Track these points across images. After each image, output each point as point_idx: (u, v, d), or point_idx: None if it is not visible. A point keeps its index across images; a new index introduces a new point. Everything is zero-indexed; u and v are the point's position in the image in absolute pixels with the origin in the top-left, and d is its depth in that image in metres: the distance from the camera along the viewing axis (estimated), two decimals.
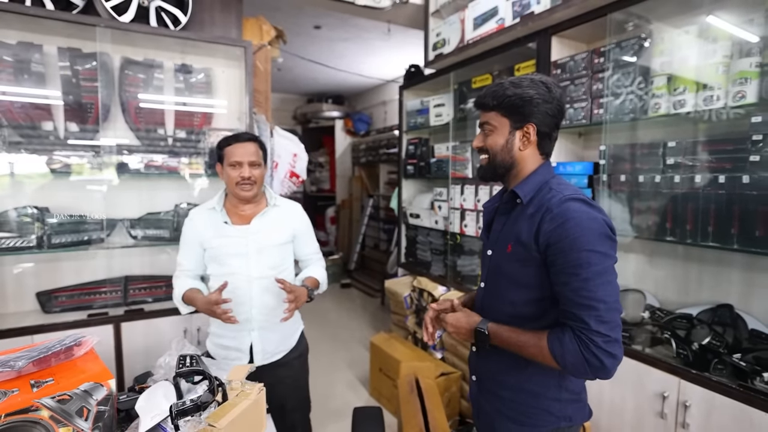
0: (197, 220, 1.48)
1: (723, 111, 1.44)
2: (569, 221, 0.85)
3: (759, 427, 1.26)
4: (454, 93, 2.55)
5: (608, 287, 0.84)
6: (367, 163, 5.58)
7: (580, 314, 0.83)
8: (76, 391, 0.78)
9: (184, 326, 2.04)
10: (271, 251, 1.47)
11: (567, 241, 0.84)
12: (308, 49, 4.22)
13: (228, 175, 1.42)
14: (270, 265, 1.47)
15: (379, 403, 2.63)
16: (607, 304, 0.82)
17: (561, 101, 0.95)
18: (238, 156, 1.40)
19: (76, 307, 2.00)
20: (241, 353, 1.46)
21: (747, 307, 1.50)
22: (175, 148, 2.19)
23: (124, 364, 1.95)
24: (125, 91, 2.06)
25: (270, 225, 1.48)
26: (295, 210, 1.58)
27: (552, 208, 0.88)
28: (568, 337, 0.85)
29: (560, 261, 0.86)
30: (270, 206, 1.50)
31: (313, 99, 6.30)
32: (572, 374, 0.88)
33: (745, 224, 1.35)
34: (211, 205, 1.49)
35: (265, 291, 1.45)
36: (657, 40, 1.61)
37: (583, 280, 0.83)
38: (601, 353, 0.81)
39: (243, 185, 1.40)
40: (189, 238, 1.49)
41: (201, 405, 0.81)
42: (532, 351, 0.90)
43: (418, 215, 2.93)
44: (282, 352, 1.52)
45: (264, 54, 2.41)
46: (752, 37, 1.38)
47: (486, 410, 1.07)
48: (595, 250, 0.83)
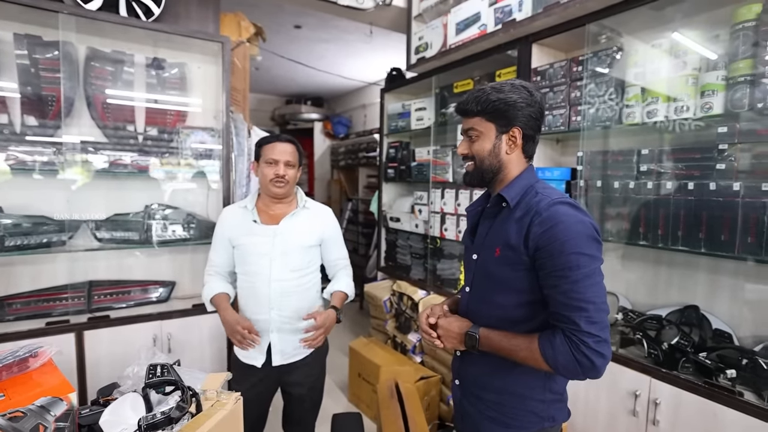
0: (228, 217, 1.52)
1: (692, 121, 1.50)
2: (558, 225, 0.86)
3: (722, 420, 1.32)
4: (436, 97, 2.56)
5: (597, 288, 0.85)
6: (347, 166, 5.54)
7: (570, 316, 0.84)
8: (30, 407, 0.71)
9: (154, 333, 1.94)
10: (296, 253, 1.47)
11: (556, 244, 0.85)
12: (288, 48, 4.15)
13: (263, 172, 1.45)
14: (292, 267, 1.47)
15: (358, 408, 2.59)
16: (596, 305, 0.84)
17: (542, 105, 0.98)
18: (276, 154, 1.43)
19: (33, 315, 1.85)
20: (258, 353, 1.47)
21: (711, 307, 1.58)
22: (146, 147, 2.08)
23: (87, 375, 1.82)
24: (91, 85, 1.95)
25: (298, 226, 1.49)
26: (325, 214, 1.59)
27: (541, 212, 0.89)
28: (559, 339, 0.85)
29: (549, 264, 0.86)
30: (300, 207, 1.51)
31: (291, 100, 6.21)
32: (564, 375, 0.89)
33: (712, 229, 1.41)
34: (243, 203, 1.52)
35: (283, 294, 1.45)
36: (631, 51, 1.67)
37: (572, 282, 0.84)
38: (592, 353, 0.82)
39: (276, 182, 1.43)
40: (219, 236, 1.53)
41: (173, 418, 0.76)
42: (523, 355, 0.90)
43: (398, 219, 2.91)
44: (302, 354, 1.51)
45: (242, 51, 2.34)
46: (717, 53, 1.45)
47: (470, 414, 1.06)
48: (584, 253, 0.84)
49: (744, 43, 1.34)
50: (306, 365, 1.52)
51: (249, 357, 1.48)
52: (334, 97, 6.31)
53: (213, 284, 1.51)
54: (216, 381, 1.05)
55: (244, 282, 1.50)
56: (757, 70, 1.32)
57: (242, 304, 1.52)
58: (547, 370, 0.89)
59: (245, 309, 1.50)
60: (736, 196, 1.34)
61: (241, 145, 2.16)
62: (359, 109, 5.80)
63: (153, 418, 0.74)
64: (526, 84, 0.97)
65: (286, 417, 1.63)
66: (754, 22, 1.32)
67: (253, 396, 1.47)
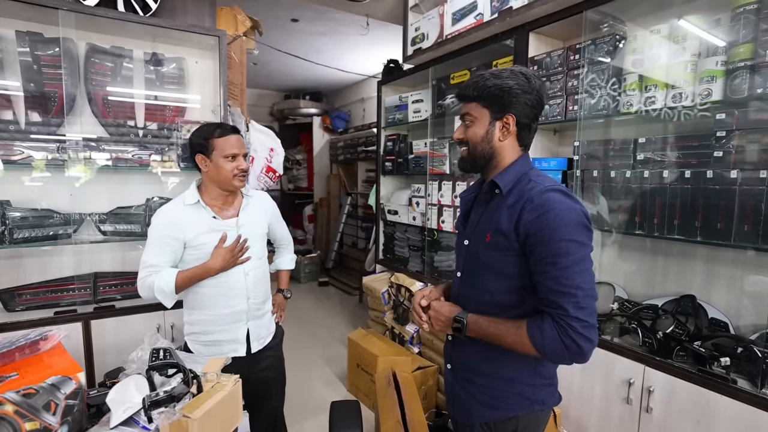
0: (178, 218, 1.39)
1: (690, 108, 1.48)
2: (549, 212, 0.87)
3: (715, 407, 1.33)
4: (433, 89, 2.57)
5: (585, 275, 0.86)
6: (346, 160, 5.54)
7: (558, 301, 0.85)
8: (42, 385, 0.74)
9: (157, 323, 1.98)
10: (256, 242, 1.51)
11: (547, 231, 0.86)
12: (285, 42, 4.15)
13: (221, 167, 1.39)
14: (258, 255, 1.52)
15: (356, 398, 2.62)
16: (585, 291, 0.85)
17: (540, 93, 0.96)
18: (235, 148, 1.40)
19: (42, 305, 1.90)
20: (238, 344, 1.48)
21: (707, 297, 1.57)
22: (146, 141, 2.10)
23: (95, 361, 1.88)
24: (91, 80, 1.96)
25: (252, 216, 1.52)
26: (265, 198, 1.65)
27: (533, 199, 0.90)
28: (547, 324, 0.86)
29: (540, 250, 0.87)
30: (246, 197, 1.53)
31: (290, 95, 6.20)
32: (551, 360, 0.90)
33: (708, 217, 1.41)
34: (189, 200, 1.42)
35: (257, 282, 1.51)
36: (629, 38, 1.65)
37: (562, 268, 0.85)
38: (579, 338, 0.83)
39: (240, 177, 1.42)
40: (167, 237, 1.38)
41: (175, 396, 0.78)
42: (511, 340, 0.91)
43: (396, 212, 2.93)
44: (270, 335, 1.60)
45: (239, 45, 2.35)
46: (717, 37, 1.42)
47: (461, 397, 1.08)
48: (574, 240, 0.85)
49: (745, 26, 1.31)
50: (271, 348, 1.60)
51: (224, 353, 1.44)
52: (332, 92, 6.30)
53: (164, 274, 1.34)
54: (216, 364, 1.08)
55: (209, 281, 1.40)
56: (758, 54, 1.29)
57: (208, 303, 1.44)
58: (534, 355, 0.90)
59: (214, 305, 1.43)
60: (734, 184, 1.33)
61: None
62: (358, 103, 5.79)
63: (156, 396, 0.76)
64: (526, 71, 0.96)
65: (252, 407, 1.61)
66: (755, 5, 1.29)
67: None
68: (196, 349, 1.48)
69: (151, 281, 1.35)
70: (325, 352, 3.29)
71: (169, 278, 1.34)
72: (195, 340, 1.49)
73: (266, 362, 1.57)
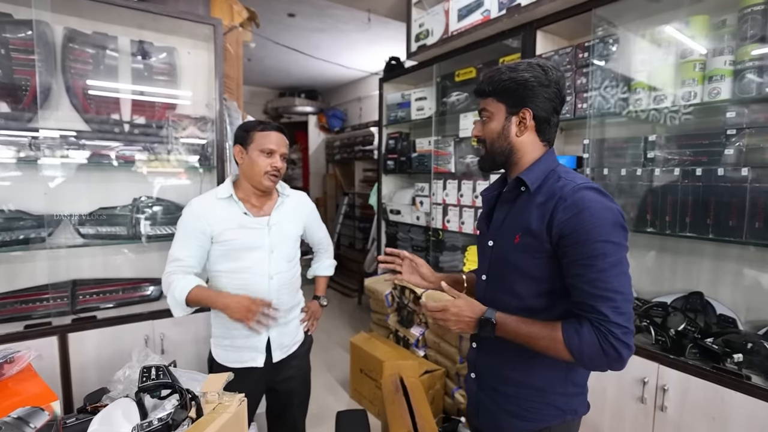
0: (208, 211, 1.34)
1: (700, 107, 1.48)
2: (585, 211, 0.81)
3: (729, 404, 1.32)
4: (437, 86, 2.49)
5: (623, 278, 0.81)
6: (342, 160, 5.45)
7: (597, 306, 0.80)
8: (6, 420, 0.63)
9: (145, 334, 1.85)
10: (287, 244, 1.43)
11: (582, 231, 0.80)
12: (281, 38, 4.04)
13: (255, 161, 1.32)
14: (287, 258, 1.43)
15: (360, 405, 2.54)
16: (623, 294, 0.80)
17: (560, 85, 0.91)
18: (273, 144, 1.32)
19: (10, 318, 1.72)
20: (257, 352, 1.38)
21: (715, 293, 1.58)
22: (132, 136, 1.98)
23: (73, 381, 1.71)
24: (70, 68, 1.81)
25: (286, 217, 1.44)
26: (303, 198, 1.56)
27: (566, 197, 0.84)
28: (586, 330, 0.81)
29: (574, 252, 0.82)
30: (281, 196, 1.44)
31: (285, 93, 6.09)
32: (587, 366, 0.85)
33: (720, 215, 1.40)
34: (222, 194, 1.36)
35: (282, 287, 1.41)
36: (637, 38, 1.63)
37: (599, 271, 0.80)
38: (619, 344, 0.79)
39: (272, 175, 1.33)
40: (194, 231, 1.32)
41: (172, 423, 0.69)
42: (544, 344, 0.85)
43: (398, 211, 2.85)
44: (297, 343, 1.50)
45: (235, 36, 2.25)
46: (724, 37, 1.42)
47: (488, 408, 1.02)
48: (611, 241, 0.80)
49: (752, 27, 1.31)
50: (296, 358, 1.49)
51: (243, 360, 1.38)
52: (328, 90, 6.20)
53: (183, 281, 1.27)
54: (217, 382, 0.98)
55: (231, 281, 1.35)
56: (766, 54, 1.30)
57: None
58: (567, 360, 0.84)
59: None
60: (744, 181, 1.33)
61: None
62: (354, 102, 5.70)
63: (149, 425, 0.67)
64: (544, 63, 0.91)
65: (274, 417, 1.56)
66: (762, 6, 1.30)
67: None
68: (216, 353, 1.42)
69: (170, 281, 1.28)
70: (326, 357, 3.19)
71: (184, 287, 1.26)
72: (216, 344, 1.42)
73: (290, 371, 1.47)
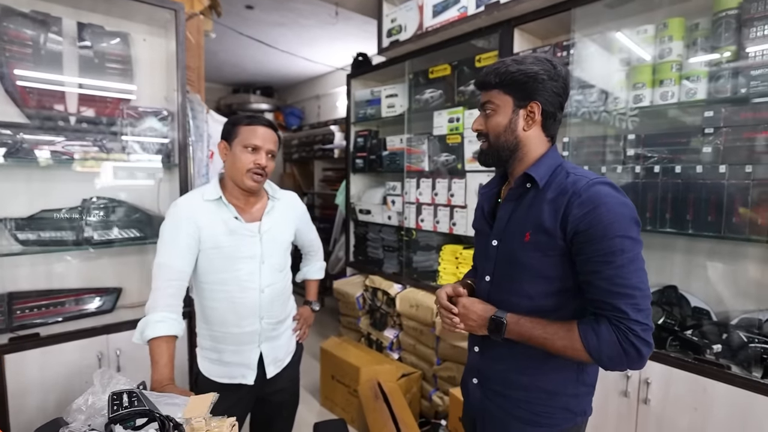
0: (196, 212, 1.19)
1: (677, 106, 1.54)
2: (601, 206, 0.80)
3: (711, 395, 1.37)
4: (410, 83, 2.46)
5: (641, 274, 0.80)
6: (300, 159, 5.28)
7: (615, 303, 0.78)
8: None
9: (98, 350, 1.64)
10: (279, 253, 1.32)
11: (599, 227, 0.79)
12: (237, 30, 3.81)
13: (238, 157, 1.20)
14: (278, 268, 1.32)
15: (333, 412, 2.44)
16: (642, 291, 0.79)
17: (567, 80, 0.91)
18: (258, 140, 1.20)
19: None
20: (248, 369, 1.27)
21: (688, 287, 1.65)
22: (80, 130, 1.75)
23: (10, 411, 1.50)
24: (4, 52, 1.59)
25: (277, 222, 1.32)
26: (294, 200, 1.44)
27: (580, 193, 0.82)
28: (604, 328, 0.79)
29: (591, 248, 0.80)
30: (272, 199, 1.31)
31: (239, 89, 5.79)
32: (606, 367, 0.84)
33: (699, 210, 1.46)
34: (209, 195, 1.22)
35: (273, 300, 1.30)
36: (617, 36, 1.68)
37: (617, 267, 0.78)
38: (640, 342, 0.77)
39: (255, 174, 1.20)
40: (183, 233, 1.17)
41: None
42: (560, 344, 0.83)
43: (368, 211, 2.79)
44: (289, 355, 1.41)
45: (196, 24, 2.07)
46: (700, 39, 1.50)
47: (495, 415, 0.98)
48: (629, 236, 0.79)
49: (726, 30, 1.39)
50: (288, 368, 1.40)
51: (233, 376, 1.27)
52: (285, 87, 5.98)
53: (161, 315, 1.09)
54: (201, 406, 0.87)
55: (216, 293, 1.23)
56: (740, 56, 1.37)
57: (218, 319, 1.25)
58: (585, 361, 0.83)
59: (225, 323, 1.25)
60: (722, 178, 1.40)
61: (200, 129, 1.90)
62: (312, 100, 5.55)
63: None
64: (551, 57, 0.91)
65: (258, 428, 1.46)
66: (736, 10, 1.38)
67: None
68: (203, 366, 1.29)
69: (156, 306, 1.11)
70: None
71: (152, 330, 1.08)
72: (204, 356, 1.30)
73: (281, 383, 1.37)
